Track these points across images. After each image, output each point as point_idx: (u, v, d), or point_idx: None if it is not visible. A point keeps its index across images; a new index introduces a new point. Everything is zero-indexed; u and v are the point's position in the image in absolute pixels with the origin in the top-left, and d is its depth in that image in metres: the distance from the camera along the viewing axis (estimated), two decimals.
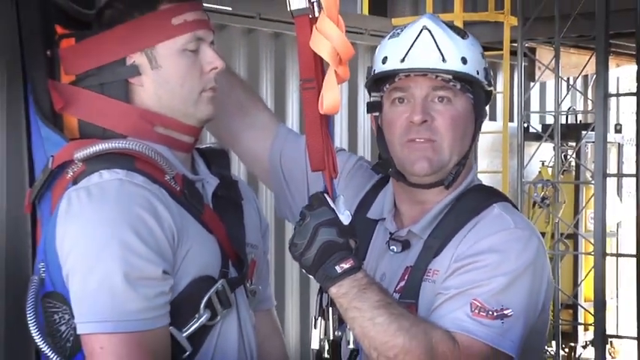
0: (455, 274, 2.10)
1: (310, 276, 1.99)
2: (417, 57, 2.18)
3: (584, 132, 9.70)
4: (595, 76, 7.94)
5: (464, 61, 2.19)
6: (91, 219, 1.94)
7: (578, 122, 10.93)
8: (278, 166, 2.47)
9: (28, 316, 2.00)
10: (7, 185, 7.02)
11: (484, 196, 2.27)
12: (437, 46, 2.18)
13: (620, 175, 10.47)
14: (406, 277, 2.18)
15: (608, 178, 8.27)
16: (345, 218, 1.99)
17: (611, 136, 9.26)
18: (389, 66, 2.21)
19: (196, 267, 2.02)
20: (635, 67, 7.07)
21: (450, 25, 2.26)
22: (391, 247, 2.25)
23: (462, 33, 2.25)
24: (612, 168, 9.60)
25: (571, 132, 10.15)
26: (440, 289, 2.10)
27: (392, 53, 2.22)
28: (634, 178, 7.48)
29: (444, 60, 2.17)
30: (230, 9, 8.74)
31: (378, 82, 2.26)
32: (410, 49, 2.19)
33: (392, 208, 2.30)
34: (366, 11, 10.45)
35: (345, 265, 1.96)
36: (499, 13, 9.71)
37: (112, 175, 1.97)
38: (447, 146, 2.19)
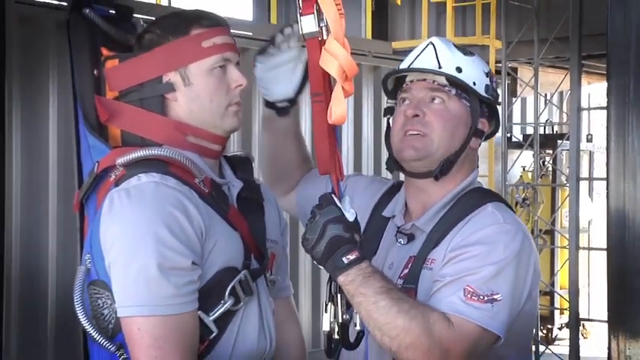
0: (450, 262, 2.10)
1: (320, 267, 1.99)
2: (418, 63, 2.24)
3: (559, 141, 9.71)
4: (569, 92, 7.92)
5: (458, 70, 2.21)
6: (130, 217, 1.95)
7: (555, 132, 10.94)
8: (301, 203, 2.49)
9: (75, 301, 2.00)
10: (59, 186, 7.03)
11: (481, 196, 2.26)
12: (436, 55, 2.23)
13: (591, 179, 10.47)
14: (409, 266, 2.18)
15: (580, 182, 8.27)
16: (350, 215, 1.99)
17: (584, 144, 9.27)
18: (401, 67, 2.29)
19: (222, 259, 2.02)
20: (604, 84, 7.02)
21: (457, 45, 2.30)
22: (398, 240, 2.26)
23: (465, 51, 2.29)
24: (584, 172, 9.60)
25: (548, 141, 10.17)
26: (437, 277, 2.10)
27: (404, 63, 2.29)
28: (604, 182, 7.46)
29: (439, 66, 2.21)
30: (251, 34, 8.76)
31: (395, 92, 2.31)
32: (415, 58, 2.26)
33: (402, 207, 2.31)
34: (369, 35, 10.44)
35: (351, 257, 1.96)
36: (485, 37, 9.72)
37: (149, 179, 1.97)
38: (435, 138, 2.19)
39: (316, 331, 8.85)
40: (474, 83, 2.23)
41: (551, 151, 10.11)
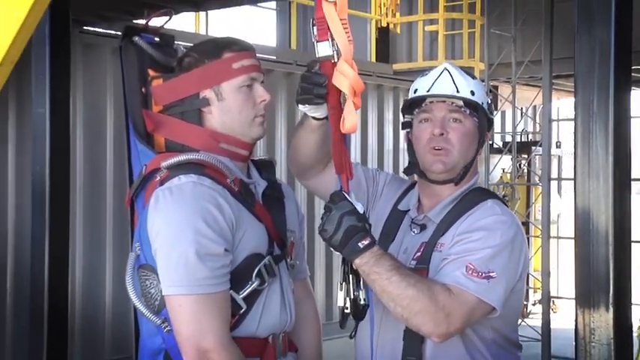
0: (456, 244, 2.11)
1: (337, 252, 1.99)
2: (438, 88, 2.21)
3: (533, 147, 9.68)
4: (542, 106, 7.89)
5: (472, 93, 2.21)
6: (172, 211, 1.95)
7: (529, 140, 10.90)
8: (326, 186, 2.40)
9: (127, 282, 2.01)
10: (115, 186, 7.07)
11: (482, 194, 2.26)
12: (453, 81, 2.21)
13: (560, 179, 10.44)
14: (421, 250, 2.18)
15: (551, 181, 8.23)
16: (360, 208, 1.99)
17: (554, 150, 9.23)
18: (420, 93, 2.25)
19: (250, 246, 2.02)
20: (572, 99, 7.00)
21: (464, 69, 2.29)
22: (412, 229, 2.26)
23: (471, 75, 2.28)
24: (554, 173, 9.56)
25: (524, 147, 10.15)
26: (444, 256, 2.12)
27: (421, 86, 2.25)
28: (571, 181, 7.41)
29: (457, 91, 2.20)
30: (275, 57, 8.77)
31: (411, 107, 2.28)
32: (434, 83, 2.22)
33: (416, 202, 2.31)
34: (373, 58, 10.44)
35: (365, 242, 1.96)
36: (471, 60, 9.73)
37: (188, 179, 1.97)
38: (457, 153, 2.20)
39: (329, 306, 8.86)
40: (482, 103, 2.24)
41: (526, 156, 10.09)
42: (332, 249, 1.99)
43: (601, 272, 2.11)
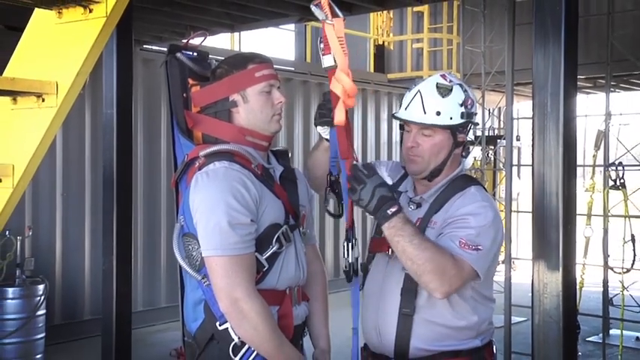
0: (449, 225, 2.07)
1: (370, 216, 1.98)
2: (410, 111, 2.15)
3: (498, 140, 9.60)
4: (505, 107, 7.83)
5: (438, 113, 2.11)
6: (208, 190, 1.93)
7: (495, 134, 10.82)
8: None
9: (174, 246, 2.00)
10: (166, 171, 7.09)
11: (466, 181, 2.20)
12: (422, 105, 2.12)
13: (519, 165, 10.39)
14: (418, 224, 2.13)
15: (512, 167, 8.18)
16: (389, 180, 2.01)
17: (515, 142, 9.16)
18: (399, 113, 2.18)
19: (270, 218, 2.00)
20: (530, 102, 6.96)
21: (439, 86, 2.14)
22: (410, 206, 2.22)
23: (444, 93, 2.14)
24: (515, 161, 9.49)
25: (491, 140, 10.08)
26: (437, 233, 2.08)
27: (403, 103, 2.19)
28: (529, 167, 7.39)
29: (424, 113, 2.11)
30: (293, 69, 8.73)
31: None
32: (407, 107, 2.16)
33: (412, 185, 2.27)
34: (372, 70, 10.40)
35: (393, 209, 1.94)
36: (449, 70, 9.63)
37: (221, 165, 1.96)
38: (427, 160, 2.14)
39: (337, 266, 8.87)
40: (451, 118, 2.12)
41: (493, 147, 10.03)
42: (367, 213, 1.98)
43: (552, 239, 2.09)
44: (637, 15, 7.36)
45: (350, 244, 2.05)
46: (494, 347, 2.24)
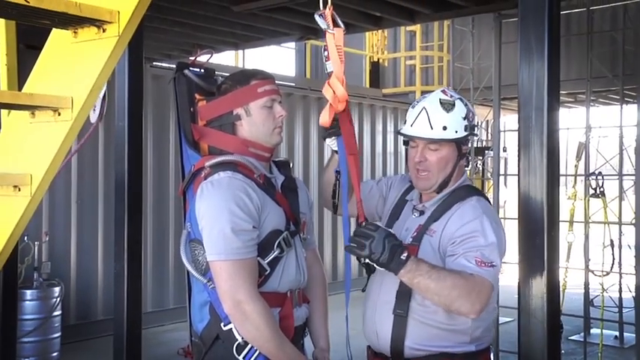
0: (461, 244, 1.99)
1: (381, 268, 1.87)
2: (417, 127, 2.09)
3: (486, 151, 9.60)
4: (493, 120, 7.84)
5: (444, 128, 2.06)
6: (213, 198, 1.92)
7: (484, 146, 10.83)
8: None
9: (181, 251, 2.00)
10: (175, 180, 7.08)
11: (468, 192, 2.14)
12: (429, 121, 2.07)
13: (506, 175, 10.39)
14: (418, 231, 2.10)
15: (500, 176, 8.18)
16: (392, 231, 1.93)
17: (501, 153, 9.18)
18: (404, 130, 2.13)
19: (272, 224, 1.99)
20: (515, 116, 6.96)
21: (443, 102, 2.10)
22: (414, 213, 2.18)
23: (448, 108, 2.09)
24: (502, 171, 9.49)
25: (480, 151, 10.08)
26: (450, 252, 2.00)
27: (408, 119, 2.13)
28: (515, 176, 7.40)
29: (431, 128, 2.07)
30: (294, 84, 8.74)
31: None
32: (413, 123, 2.10)
33: (418, 195, 2.22)
34: (367, 85, 10.41)
35: (405, 254, 1.87)
36: (440, 85, 9.65)
37: (225, 174, 1.95)
38: (434, 175, 2.11)
39: (334, 269, 8.84)
40: (456, 131, 2.08)
41: (481, 157, 10.03)
42: (377, 266, 1.87)
43: (537, 244, 2.08)
44: (614, 35, 7.39)
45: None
46: (492, 354, 2.17)
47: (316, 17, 1.91)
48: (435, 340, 2.05)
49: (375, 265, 1.88)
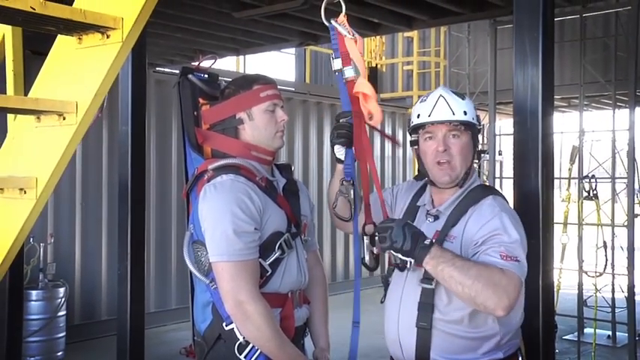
0: (484, 244, 1.85)
1: (406, 258, 1.80)
2: (438, 113, 2.00)
3: (482, 154, 9.59)
4: (488, 124, 7.84)
5: (465, 113, 1.99)
6: (216, 200, 1.92)
7: (479, 149, 10.84)
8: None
9: (184, 252, 1.99)
10: (177, 183, 7.07)
11: (483, 191, 2.01)
12: (449, 106, 1.99)
13: (501, 177, 10.37)
14: (435, 237, 1.93)
15: (495, 179, 8.18)
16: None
17: (497, 157, 9.17)
18: (422, 119, 2.02)
19: (273, 226, 1.99)
20: (511, 120, 6.96)
21: (454, 92, 2.05)
22: (428, 218, 2.05)
23: (461, 96, 2.04)
24: (497, 174, 9.48)
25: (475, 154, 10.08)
26: (474, 250, 1.87)
27: (422, 111, 2.02)
28: (510, 179, 7.40)
29: (453, 113, 1.98)
30: (293, 89, 8.74)
31: (415, 128, 2.07)
32: (433, 108, 2.00)
33: (430, 198, 2.10)
34: None
35: (427, 241, 1.80)
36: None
37: (228, 177, 1.95)
38: (459, 164, 1.99)
39: (333, 271, 8.83)
40: (473, 118, 2.02)
41: (477, 161, 10.00)
42: (401, 256, 1.80)
43: (532, 245, 2.08)
44: (606, 41, 7.40)
45: (367, 240, 1.99)
46: (520, 357, 2.04)
47: (333, 23, 1.93)
48: (461, 350, 1.92)
49: (400, 255, 1.81)
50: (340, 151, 2.12)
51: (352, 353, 2.07)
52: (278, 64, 11.75)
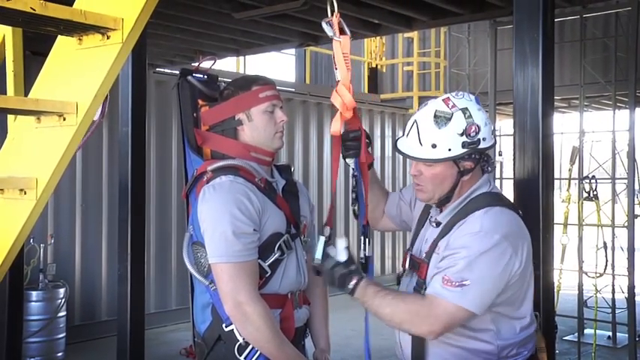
0: (445, 259, 1.83)
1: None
2: (405, 142, 1.92)
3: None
4: None
5: (433, 146, 1.84)
6: (215, 202, 1.92)
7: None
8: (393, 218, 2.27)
9: (184, 254, 1.99)
10: (177, 184, 7.07)
11: (481, 203, 1.88)
12: (418, 136, 1.87)
13: (501, 178, 10.38)
14: (431, 246, 1.91)
15: (496, 180, 8.19)
16: (343, 256, 1.87)
17: (497, 157, 9.17)
18: (399, 142, 1.95)
19: (272, 227, 1.98)
20: (511, 120, 6.95)
21: (437, 115, 1.86)
22: (431, 224, 2.00)
23: (441, 123, 1.85)
24: (497, 175, 9.49)
25: None
26: (436, 265, 1.85)
27: (406, 129, 1.94)
28: (510, 180, 7.40)
29: (421, 145, 1.86)
30: (293, 89, 8.74)
31: None
32: (408, 133, 1.91)
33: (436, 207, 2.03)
34: (366, 90, 10.42)
35: (353, 282, 1.84)
36: (437, 91, 9.66)
37: (227, 178, 1.95)
38: (430, 190, 1.92)
39: None
40: (449, 149, 1.84)
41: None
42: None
43: (533, 245, 2.08)
44: (606, 42, 7.40)
45: (367, 240, 2.01)
46: None
47: (323, 25, 1.88)
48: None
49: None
50: (352, 163, 2.10)
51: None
52: (278, 64, 11.76)
